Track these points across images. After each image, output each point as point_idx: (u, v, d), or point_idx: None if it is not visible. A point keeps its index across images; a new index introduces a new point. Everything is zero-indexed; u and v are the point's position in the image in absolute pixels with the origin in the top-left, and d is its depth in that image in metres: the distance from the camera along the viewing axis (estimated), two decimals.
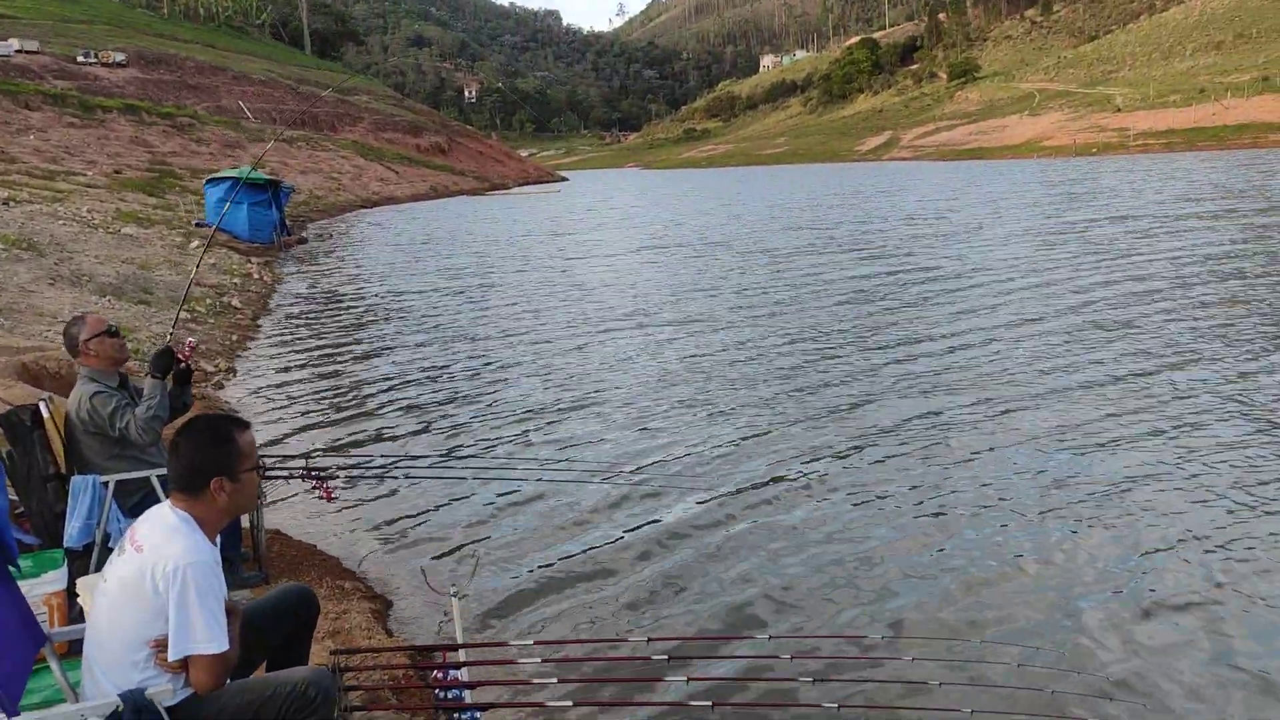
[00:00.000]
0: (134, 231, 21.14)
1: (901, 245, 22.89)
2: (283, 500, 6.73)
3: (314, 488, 6.17)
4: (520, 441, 8.25)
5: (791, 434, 8.06)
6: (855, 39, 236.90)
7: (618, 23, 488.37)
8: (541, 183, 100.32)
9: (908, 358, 10.76)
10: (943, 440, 7.68)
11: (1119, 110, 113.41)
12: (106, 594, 2.80)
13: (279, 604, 3.36)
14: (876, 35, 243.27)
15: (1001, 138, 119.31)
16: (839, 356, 11.05)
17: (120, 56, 62.37)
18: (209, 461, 2.86)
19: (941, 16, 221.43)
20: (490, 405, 9.53)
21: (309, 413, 9.59)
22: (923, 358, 10.73)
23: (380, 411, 9.54)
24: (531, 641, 3.97)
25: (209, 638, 2.68)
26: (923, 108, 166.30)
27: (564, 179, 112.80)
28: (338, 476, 6.73)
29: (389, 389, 10.50)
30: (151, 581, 2.67)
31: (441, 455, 7.84)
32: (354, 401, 10.02)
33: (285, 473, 6.55)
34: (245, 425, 3.03)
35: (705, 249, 24.53)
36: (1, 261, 13.52)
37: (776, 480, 6.94)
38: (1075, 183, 47.08)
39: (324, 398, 10.24)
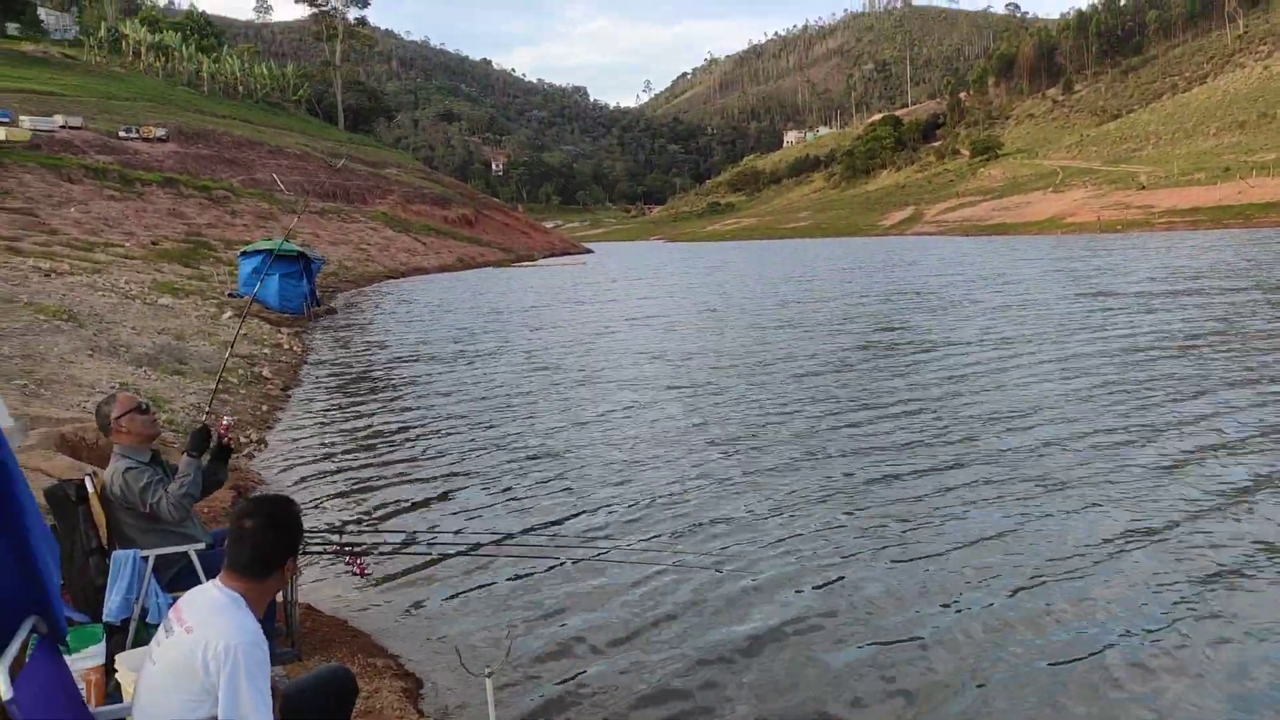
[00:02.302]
0: (169, 302, 21.53)
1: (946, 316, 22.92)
2: (314, 575, 6.74)
3: (347, 563, 6.21)
4: (555, 518, 8.18)
5: (837, 508, 7.96)
6: (878, 116, 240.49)
7: (644, 98, 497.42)
8: (567, 254, 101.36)
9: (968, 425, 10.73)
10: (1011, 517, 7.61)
11: (1143, 188, 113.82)
12: (154, 674, 2.84)
13: (318, 684, 3.39)
14: (899, 112, 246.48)
15: (1025, 214, 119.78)
16: (889, 439, 11.00)
17: (161, 131, 64.05)
18: (285, 547, 2.93)
19: (963, 95, 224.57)
20: (523, 481, 9.48)
21: (341, 485, 9.59)
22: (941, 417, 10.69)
23: (412, 485, 9.52)
24: None
25: (257, 717, 2.70)
26: (946, 183, 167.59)
27: (589, 251, 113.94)
28: (370, 552, 6.77)
29: (420, 462, 10.48)
30: (203, 661, 2.71)
31: (474, 532, 7.79)
32: (386, 475, 10.00)
33: (319, 548, 6.60)
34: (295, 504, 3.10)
35: (735, 318, 24.62)
36: (43, 332, 13.79)
37: (828, 566, 6.78)
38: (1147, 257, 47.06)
39: (355, 470, 10.24)
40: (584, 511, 8.36)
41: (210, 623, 2.79)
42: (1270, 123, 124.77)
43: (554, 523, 8.08)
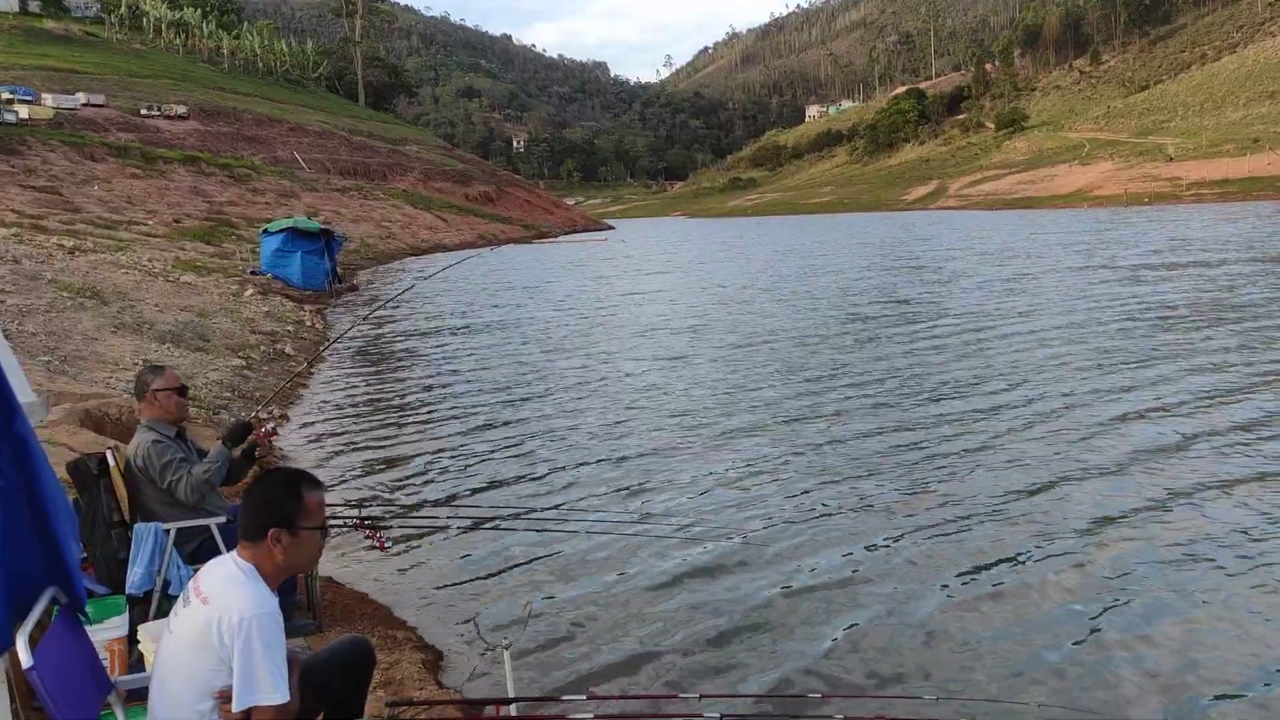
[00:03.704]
0: (192, 279, 21.67)
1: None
2: (335, 548, 6.79)
3: (367, 536, 6.25)
4: (575, 492, 8.24)
5: (859, 489, 7.94)
6: (901, 89, 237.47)
7: (664, 74, 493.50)
8: (588, 230, 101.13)
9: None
10: (1012, 496, 7.58)
11: (1171, 159, 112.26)
12: (172, 645, 2.86)
13: (337, 656, 3.40)
14: (922, 85, 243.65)
15: (1050, 187, 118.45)
16: (923, 415, 10.94)
17: (182, 109, 64.27)
18: (272, 512, 2.92)
19: (988, 67, 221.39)
20: (543, 455, 9.53)
21: (362, 460, 9.68)
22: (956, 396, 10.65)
23: (433, 460, 9.58)
24: (584, 696, 3.97)
25: (272, 688, 2.72)
26: (970, 157, 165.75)
27: (610, 227, 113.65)
28: (391, 526, 6.81)
29: (441, 437, 10.55)
30: (217, 633, 2.72)
31: (494, 506, 7.84)
32: (407, 449, 10.08)
33: (339, 521, 6.64)
34: (317, 484, 3.07)
35: (758, 292, 24.60)
36: (67, 310, 13.92)
37: (843, 540, 6.81)
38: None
39: (377, 445, 10.32)
40: (603, 485, 8.40)
41: (225, 594, 2.80)
42: None
43: (573, 496, 8.13)
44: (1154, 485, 7.66)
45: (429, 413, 11.97)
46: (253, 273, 26.57)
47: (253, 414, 6.61)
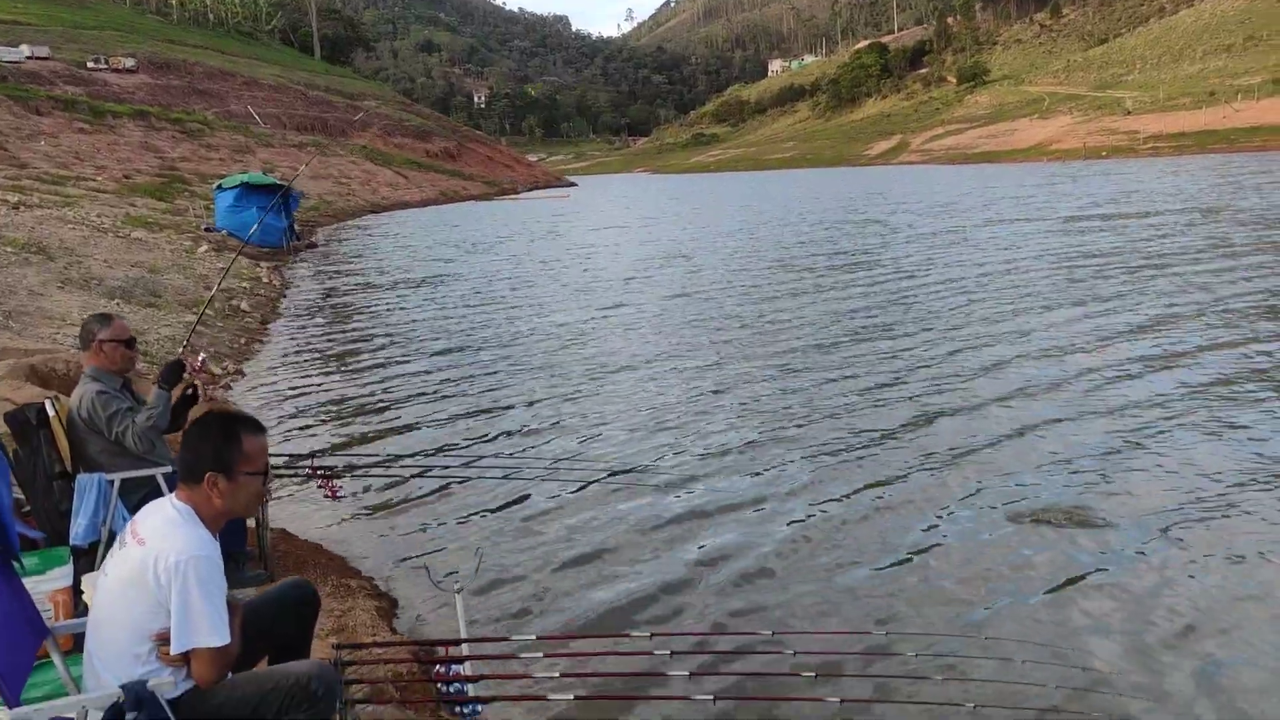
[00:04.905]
0: (143, 236, 21.24)
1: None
2: (288, 498, 6.76)
3: (319, 486, 6.20)
4: (526, 440, 8.29)
5: (800, 436, 8.05)
6: (864, 43, 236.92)
7: (626, 28, 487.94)
8: (550, 187, 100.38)
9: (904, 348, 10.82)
10: (947, 437, 7.67)
11: (1129, 113, 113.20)
12: (107, 587, 2.81)
13: (280, 598, 3.36)
14: (885, 39, 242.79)
15: (1011, 141, 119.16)
16: (847, 356, 11.07)
17: (130, 62, 62.65)
18: (209, 455, 2.86)
19: (950, 20, 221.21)
20: (495, 405, 9.58)
21: (315, 413, 9.63)
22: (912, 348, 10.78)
23: (386, 411, 9.58)
24: (534, 636, 3.99)
25: (211, 631, 2.68)
26: (932, 112, 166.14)
27: (573, 184, 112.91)
28: (343, 475, 6.76)
29: (395, 390, 10.54)
30: (154, 574, 2.67)
31: (447, 454, 7.87)
32: (360, 402, 10.07)
33: (291, 471, 6.58)
34: (258, 429, 3.00)
35: (716, 247, 24.64)
36: (11, 265, 13.59)
37: (782, 481, 6.94)
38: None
39: (331, 399, 10.29)
40: (552, 431, 8.50)
41: (162, 536, 2.75)
42: (1256, 46, 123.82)
43: (529, 444, 8.16)
44: (1025, 409, 8.38)
45: (386, 366, 11.95)
46: (207, 229, 26.10)
47: (182, 350, 6.48)
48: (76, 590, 4.06)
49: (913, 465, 7.11)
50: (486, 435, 8.48)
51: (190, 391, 5.14)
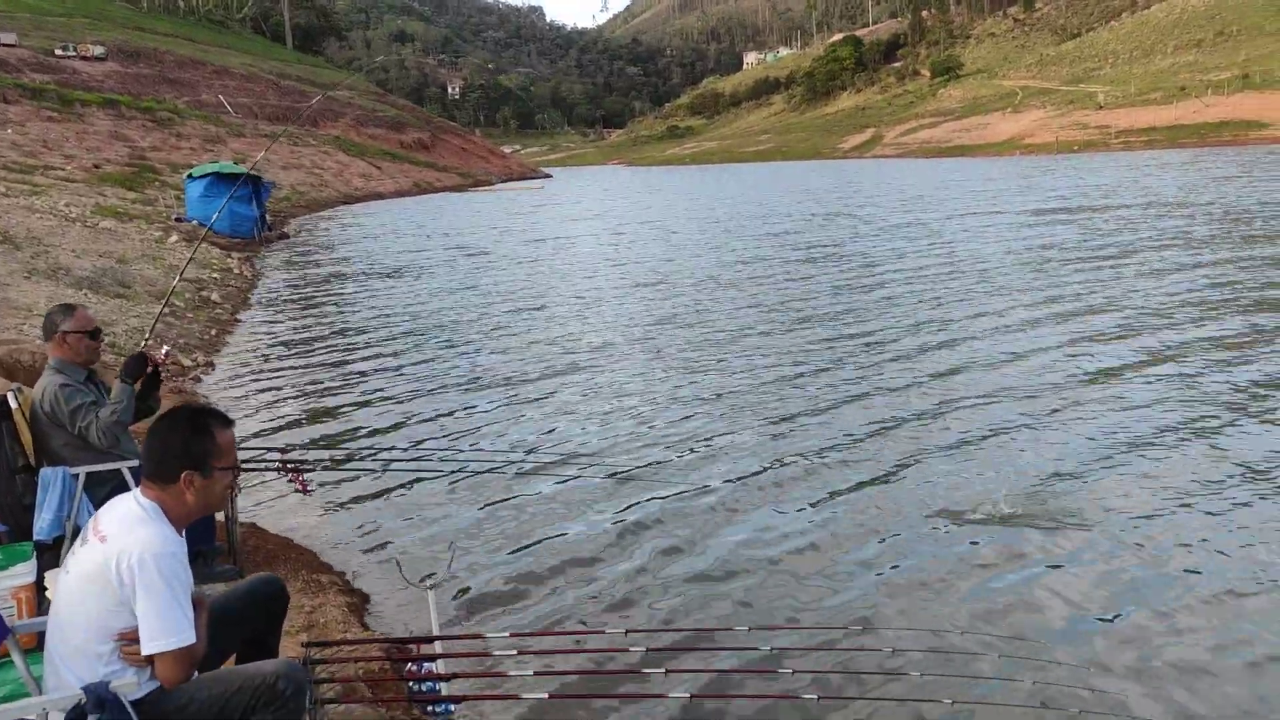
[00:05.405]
0: (112, 225, 20.94)
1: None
2: (258, 493, 6.66)
3: (290, 480, 6.12)
4: (498, 433, 8.22)
5: (779, 431, 8.03)
6: (839, 36, 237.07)
7: (601, 19, 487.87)
8: (525, 179, 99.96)
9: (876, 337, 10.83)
10: (921, 436, 7.68)
11: (1101, 108, 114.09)
12: (68, 585, 2.73)
13: (248, 595, 3.29)
14: (860, 32, 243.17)
15: (984, 135, 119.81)
16: (818, 348, 11.07)
17: (99, 50, 61.76)
18: (183, 453, 2.79)
19: (925, 14, 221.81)
20: (468, 398, 9.51)
21: (286, 406, 9.53)
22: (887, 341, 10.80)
23: (358, 405, 9.49)
24: (508, 633, 3.94)
25: (176, 630, 2.62)
26: (906, 105, 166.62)
27: (547, 175, 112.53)
28: (314, 469, 6.68)
29: (367, 382, 10.46)
30: (116, 572, 2.61)
31: (418, 448, 7.78)
32: (332, 395, 9.97)
33: (261, 465, 6.49)
34: (227, 423, 2.95)
35: (693, 236, 24.64)
36: None
37: (759, 474, 6.91)
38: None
39: (302, 391, 10.17)
40: (524, 425, 8.44)
41: (126, 532, 2.68)
42: (1226, 41, 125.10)
43: (496, 437, 8.12)
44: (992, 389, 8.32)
45: (358, 359, 11.84)
46: (177, 219, 25.78)
47: (145, 342, 6.37)
48: (40, 587, 3.98)
49: (890, 462, 7.08)
50: (461, 429, 8.41)
51: (151, 369, 5.02)
